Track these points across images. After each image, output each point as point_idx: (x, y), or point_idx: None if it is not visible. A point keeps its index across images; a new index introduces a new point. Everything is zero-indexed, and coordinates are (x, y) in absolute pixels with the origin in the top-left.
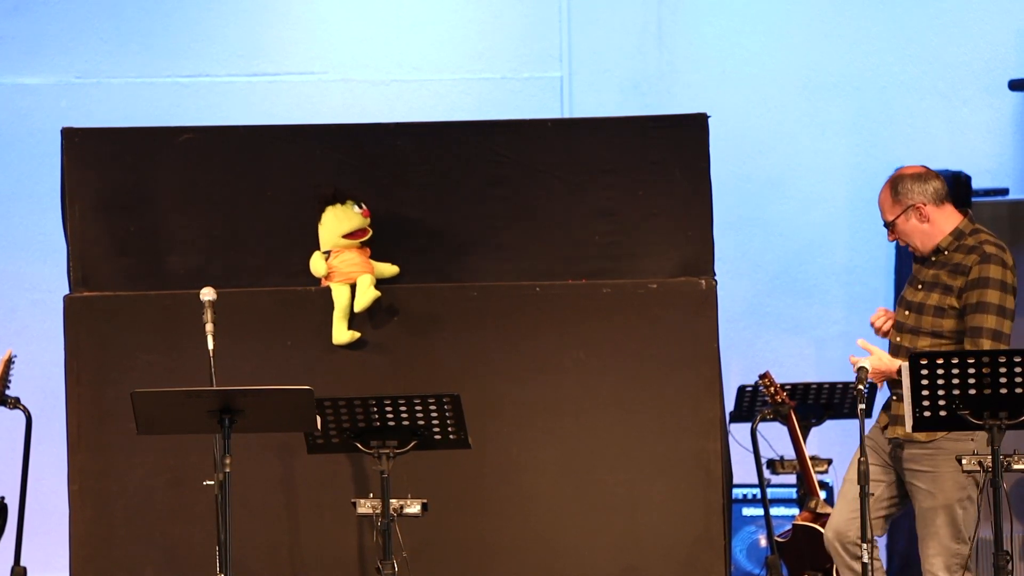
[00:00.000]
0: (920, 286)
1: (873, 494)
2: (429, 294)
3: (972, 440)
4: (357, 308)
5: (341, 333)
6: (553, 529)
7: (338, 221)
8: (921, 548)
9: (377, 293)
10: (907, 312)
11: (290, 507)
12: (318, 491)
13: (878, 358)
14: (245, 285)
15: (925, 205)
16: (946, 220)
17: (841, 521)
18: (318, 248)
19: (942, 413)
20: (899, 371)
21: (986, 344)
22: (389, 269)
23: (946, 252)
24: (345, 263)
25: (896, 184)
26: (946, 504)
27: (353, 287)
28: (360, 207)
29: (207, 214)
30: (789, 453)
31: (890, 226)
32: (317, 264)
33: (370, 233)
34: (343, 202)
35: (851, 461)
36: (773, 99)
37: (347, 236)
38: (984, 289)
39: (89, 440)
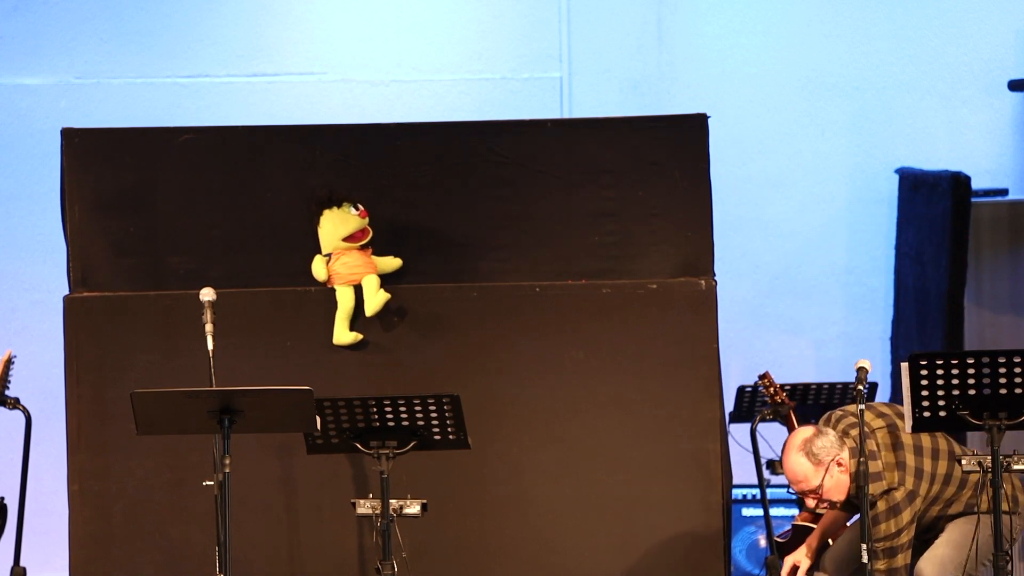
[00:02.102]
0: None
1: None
2: (429, 294)
3: None
4: (369, 312)
5: (343, 334)
6: (552, 529)
7: (336, 225)
8: (930, 553)
9: (387, 295)
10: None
11: (290, 507)
12: (318, 491)
13: None
14: (245, 285)
15: (839, 454)
16: (849, 459)
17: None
18: (318, 248)
19: (942, 414)
20: None
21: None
22: (391, 263)
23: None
24: (346, 266)
25: (809, 450)
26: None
27: (357, 288)
28: (356, 208)
29: (207, 214)
30: None
31: (816, 491)
32: (318, 269)
33: (371, 234)
34: (339, 205)
35: None
36: (773, 99)
37: (347, 239)
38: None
39: (89, 440)
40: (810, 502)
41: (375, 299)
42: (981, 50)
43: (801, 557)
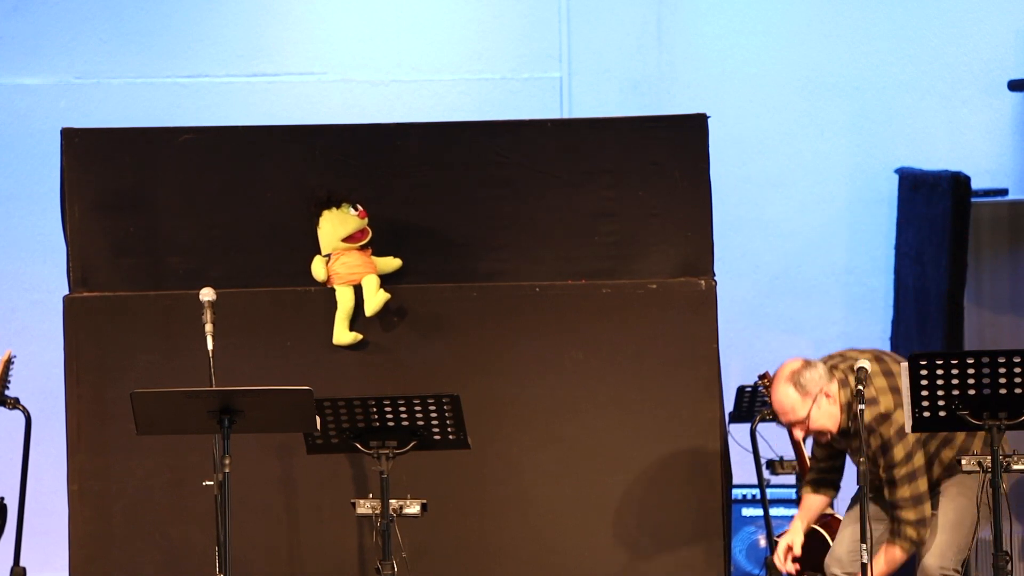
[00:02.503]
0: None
1: None
2: (429, 294)
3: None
4: (368, 312)
5: (343, 334)
6: (552, 529)
7: (335, 226)
8: (930, 541)
9: (387, 295)
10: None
11: (290, 507)
12: (318, 491)
13: None
14: (245, 285)
15: (826, 386)
16: (838, 391)
17: (843, 552)
18: (318, 248)
19: (941, 414)
20: None
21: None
22: (391, 263)
23: (851, 427)
24: (345, 266)
25: (797, 380)
26: (973, 501)
27: (357, 288)
28: (355, 209)
29: (207, 214)
30: (789, 453)
31: (803, 421)
32: (318, 269)
33: (370, 234)
34: (338, 206)
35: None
36: (773, 99)
37: (346, 240)
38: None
39: (89, 440)
40: (798, 433)
41: (375, 299)
42: (981, 50)
43: (793, 537)
